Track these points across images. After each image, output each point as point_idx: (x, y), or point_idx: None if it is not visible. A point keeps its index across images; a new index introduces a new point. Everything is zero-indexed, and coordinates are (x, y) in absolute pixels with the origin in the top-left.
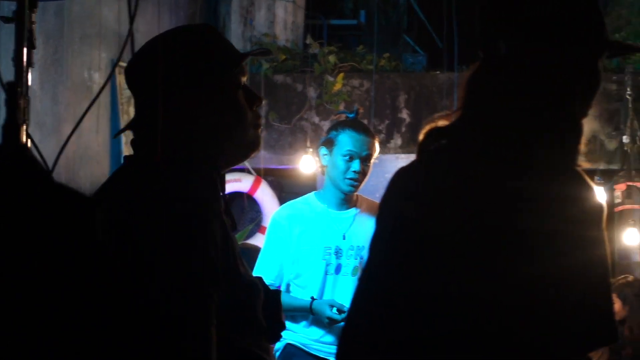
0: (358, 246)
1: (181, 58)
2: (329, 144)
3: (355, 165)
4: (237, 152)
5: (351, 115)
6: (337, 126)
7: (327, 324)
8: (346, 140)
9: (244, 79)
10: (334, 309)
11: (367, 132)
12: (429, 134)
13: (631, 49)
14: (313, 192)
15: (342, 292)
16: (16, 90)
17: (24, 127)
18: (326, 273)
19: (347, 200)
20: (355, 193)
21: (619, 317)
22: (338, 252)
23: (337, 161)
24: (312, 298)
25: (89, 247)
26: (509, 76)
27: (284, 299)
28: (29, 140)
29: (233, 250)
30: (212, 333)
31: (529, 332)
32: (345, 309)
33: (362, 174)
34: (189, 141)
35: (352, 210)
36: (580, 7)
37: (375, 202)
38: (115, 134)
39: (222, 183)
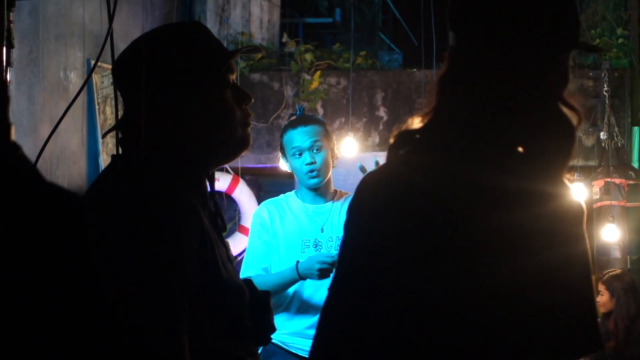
0: (337, 237)
1: (168, 55)
2: (281, 150)
3: (305, 157)
4: (226, 151)
5: (298, 114)
6: (283, 130)
7: (318, 276)
8: (288, 140)
9: (233, 77)
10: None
11: (305, 122)
12: (398, 137)
13: (595, 50)
14: (293, 191)
15: (322, 284)
16: (6, 89)
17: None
18: None
19: (323, 194)
20: (331, 186)
21: (606, 310)
22: (317, 245)
23: (291, 162)
24: (297, 261)
25: (79, 247)
26: (461, 70)
27: (270, 279)
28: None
29: (214, 253)
30: (184, 340)
31: (507, 337)
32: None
33: (316, 163)
34: (175, 140)
35: (330, 204)
36: (540, 2)
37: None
38: (104, 134)
39: (212, 182)
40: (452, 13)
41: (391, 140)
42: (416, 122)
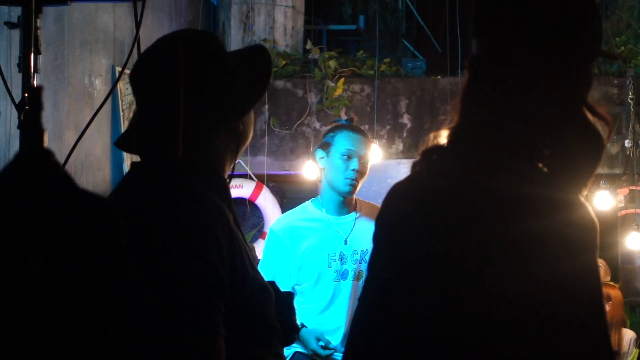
0: (362, 250)
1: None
2: (326, 146)
3: (354, 163)
4: (236, 157)
5: (345, 123)
6: (334, 129)
7: (311, 354)
8: (344, 140)
9: None
10: (320, 343)
11: (364, 133)
12: (428, 150)
13: (615, 58)
14: (310, 200)
15: (349, 298)
16: (40, 95)
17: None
18: (334, 280)
19: (347, 204)
20: (354, 197)
21: None
22: (343, 258)
23: (335, 161)
24: (302, 325)
25: (111, 252)
26: (485, 79)
27: None
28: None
29: (241, 255)
30: (221, 343)
31: (519, 346)
32: (332, 346)
33: (360, 173)
34: (207, 148)
35: (353, 215)
36: (563, 10)
37: (375, 205)
38: (116, 142)
39: (229, 188)
40: (477, 20)
41: (419, 155)
42: (442, 136)
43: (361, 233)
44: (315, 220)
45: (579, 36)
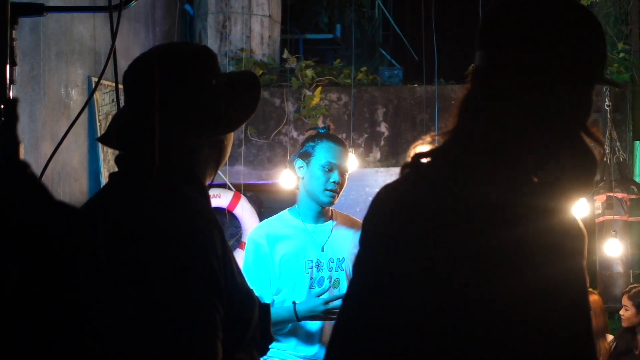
0: (338, 258)
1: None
2: (306, 156)
3: (335, 176)
4: (218, 168)
5: (323, 131)
6: (314, 138)
7: (323, 312)
8: (325, 151)
9: None
10: (322, 297)
11: (343, 144)
12: (419, 154)
13: (616, 85)
14: (286, 210)
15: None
16: (16, 107)
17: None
18: (310, 286)
19: (324, 213)
20: (331, 207)
21: (630, 324)
22: (319, 265)
23: (315, 172)
24: (294, 302)
25: (91, 263)
26: (487, 92)
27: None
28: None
29: (230, 260)
30: (219, 347)
31: (506, 352)
32: (310, 347)
33: (341, 185)
34: (193, 159)
35: (329, 223)
36: (572, 31)
37: (349, 215)
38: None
39: (210, 198)
40: (485, 32)
41: (409, 158)
42: (435, 140)
43: (337, 241)
44: (292, 227)
45: (584, 58)
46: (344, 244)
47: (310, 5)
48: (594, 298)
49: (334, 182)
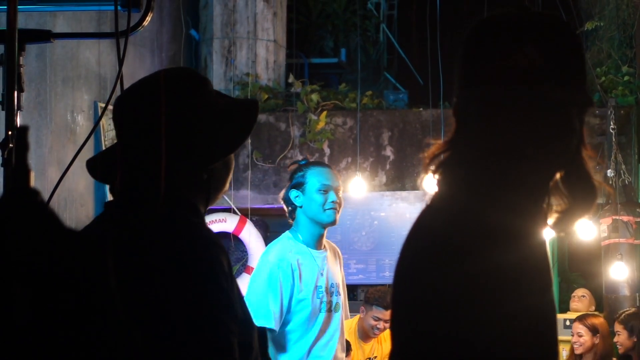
0: (333, 283)
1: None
2: (299, 185)
3: (332, 196)
4: (217, 196)
5: (304, 162)
6: (300, 168)
7: None
8: (317, 176)
9: None
10: None
11: (330, 167)
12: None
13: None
14: (287, 232)
15: (333, 329)
16: (26, 135)
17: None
18: (320, 310)
19: (322, 240)
20: (325, 234)
21: (625, 349)
22: (327, 290)
23: (313, 196)
24: None
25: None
26: (463, 121)
27: None
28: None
29: (235, 286)
30: None
31: None
32: None
33: (339, 204)
34: (188, 187)
35: (324, 251)
36: (550, 51)
37: (333, 244)
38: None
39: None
40: (466, 61)
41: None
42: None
43: (330, 268)
44: (302, 252)
45: (577, 86)
46: (334, 270)
47: (315, 29)
48: (600, 321)
49: (332, 201)
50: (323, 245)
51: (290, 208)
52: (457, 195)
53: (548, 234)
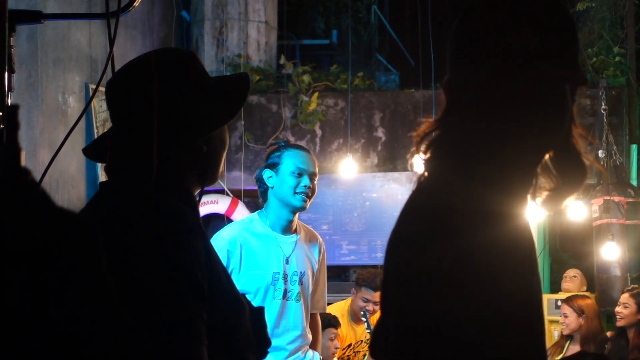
0: (300, 272)
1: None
2: (274, 165)
3: (305, 180)
4: (213, 177)
5: (283, 144)
6: (278, 148)
7: None
8: (293, 158)
9: None
10: None
11: (309, 151)
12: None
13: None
14: (256, 213)
15: (289, 318)
16: (17, 114)
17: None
18: (274, 298)
19: (292, 224)
20: (296, 219)
21: (628, 322)
22: (285, 277)
23: (285, 178)
24: None
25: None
26: (463, 104)
27: None
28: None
29: (217, 267)
30: (205, 353)
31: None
32: None
33: (312, 190)
34: (178, 166)
35: (294, 236)
36: (541, 31)
37: (309, 227)
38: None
39: (197, 206)
40: (456, 41)
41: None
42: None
43: (301, 255)
44: (261, 235)
45: (571, 63)
46: (305, 257)
47: (307, 11)
48: (587, 302)
49: (304, 185)
50: (293, 229)
51: (262, 189)
52: (448, 176)
53: (538, 214)
